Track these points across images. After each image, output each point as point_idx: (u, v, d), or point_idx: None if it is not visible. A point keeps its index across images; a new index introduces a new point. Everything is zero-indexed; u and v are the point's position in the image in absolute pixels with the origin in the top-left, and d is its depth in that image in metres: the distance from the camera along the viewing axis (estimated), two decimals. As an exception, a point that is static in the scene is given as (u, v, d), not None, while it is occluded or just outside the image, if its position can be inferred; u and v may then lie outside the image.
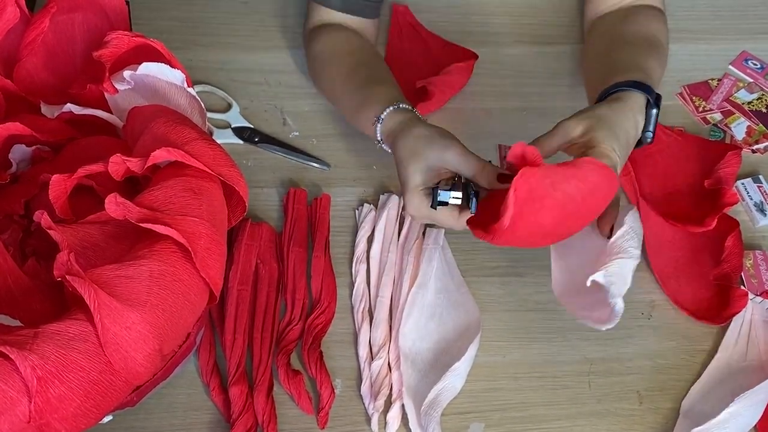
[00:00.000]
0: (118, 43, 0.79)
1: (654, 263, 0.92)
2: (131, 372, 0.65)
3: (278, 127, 1.01)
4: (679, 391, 0.86)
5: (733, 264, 0.90)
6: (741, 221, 0.94)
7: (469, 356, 0.83)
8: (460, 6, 1.12)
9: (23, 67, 0.84)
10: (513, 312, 0.90)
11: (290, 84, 1.05)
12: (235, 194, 0.77)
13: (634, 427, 0.84)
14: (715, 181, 0.94)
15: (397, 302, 0.88)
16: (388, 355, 0.86)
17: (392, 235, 0.92)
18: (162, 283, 0.66)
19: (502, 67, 1.07)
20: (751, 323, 0.88)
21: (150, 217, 0.67)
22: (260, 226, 0.91)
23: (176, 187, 0.71)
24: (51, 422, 0.61)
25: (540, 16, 1.12)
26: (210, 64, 1.06)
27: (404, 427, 0.82)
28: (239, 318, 0.85)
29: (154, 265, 0.66)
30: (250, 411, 0.81)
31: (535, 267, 0.92)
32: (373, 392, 0.83)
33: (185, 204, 0.70)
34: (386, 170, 0.98)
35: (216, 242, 0.71)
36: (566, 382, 0.86)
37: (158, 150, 0.70)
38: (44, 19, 0.83)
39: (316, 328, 0.86)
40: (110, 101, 0.82)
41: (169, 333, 0.67)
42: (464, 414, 0.84)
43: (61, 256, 0.63)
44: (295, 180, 0.97)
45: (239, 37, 1.09)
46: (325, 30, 0.99)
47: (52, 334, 0.62)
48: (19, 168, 0.84)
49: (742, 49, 1.10)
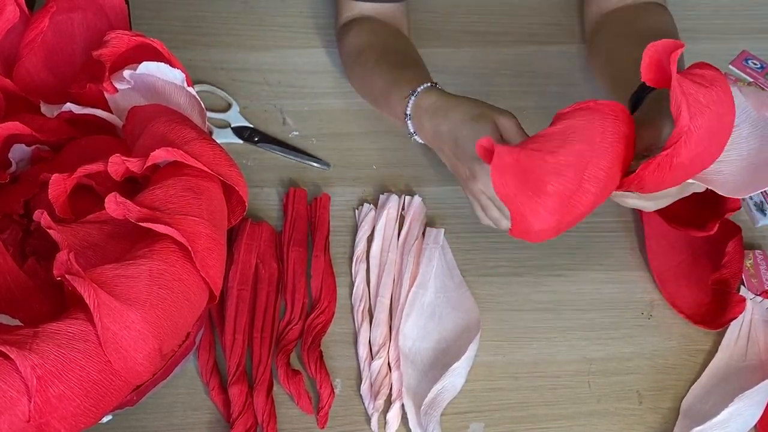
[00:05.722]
0: (118, 43, 0.79)
1: (654, 266, 0.92)
2: (131, 371, 0.65)
3: (278, 127, 1.01)
4: (679, 391, 0.86)
5: (732, 269, 0.90)
6: (741, 221, 0.94)
7: (468, 356, 0.83)
8: (460, 6, 1.12)
9: (23, 66, 0.84)
10: (513, 312, 0.90)
11: (290, 84, 1.05)
12: (235, 194, 0.77)
13: (634, 427, 0.84)
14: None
15: (396, 302, 0.88)
16: (388, 354, 0.86)
17: (392, 234, 0.92)
18: (162, 282, 0.66)
19: (502, 67, 1.07)
20: (751, 323, 0.88)
21: (150, 217, 0.67)
22: (260, 226, 0.91)
23: (176, 187, 0.71)
24: (51, 422, 0.61)
25: (540, 16, 1.12)
26: (210, 64, 1.06)
27: (404, 427, 0.82)
28: (239, 318, 0.85)
29: (154, 265, 0.66)
30: (249, 411, 0.81)
31: (534, 267, 0.92)
32: (373, 392, 0.83)
33: (185, 203, 0.70)
34: (386, 170, 0.98)
35: (216, 242, 0.71)
36: (566, 381, 0.86)
37: (158, 150, 0.70)
38: (44, 18, 0.83)
39: (316, 328, 0.86)
40: (110, 101, 0.82)
41: (168, 332, 0.67)
42: (464, 414, 0.84)
43: (61, 256, 0.63)
44: (295, 180, 0.97)
45: (239, 36, 1.09)
46: (355, 23, 1.00)
47: (51, 334, 0.62)
48: (19, 168, 0.84)
49: (742, 49, 1.10)
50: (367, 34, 0.99)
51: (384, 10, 1.00)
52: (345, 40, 1.00)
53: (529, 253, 0.93)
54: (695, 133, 0.66)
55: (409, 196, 0.95)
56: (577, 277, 0.92)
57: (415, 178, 0.98)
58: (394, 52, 0.96)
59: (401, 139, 0.99)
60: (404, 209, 0.94)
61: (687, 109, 0.65)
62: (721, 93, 0.68)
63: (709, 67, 0.70)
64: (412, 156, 0.99)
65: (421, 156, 0.99)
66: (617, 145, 0.69)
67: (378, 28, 0.99)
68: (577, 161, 0.67)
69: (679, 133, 0.66)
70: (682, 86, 0.65)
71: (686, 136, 0.66)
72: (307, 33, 1.09)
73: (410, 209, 0.94)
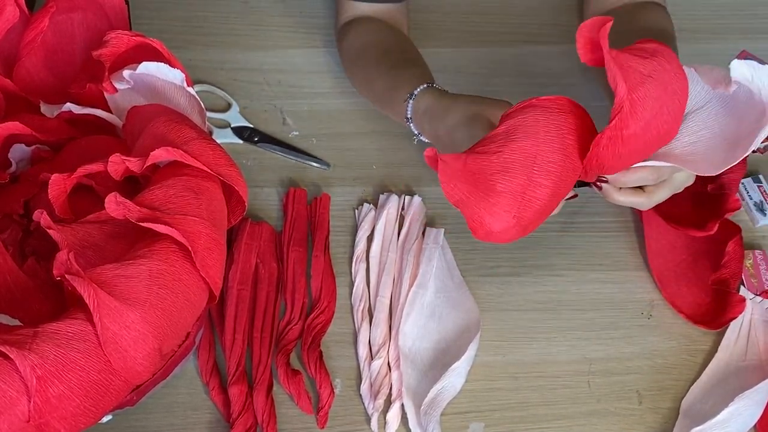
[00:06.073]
0: (118, 43, 0.79)
1: (654, 265, 0.92)
2: (131, 371, 0.65)
3: (278, 127, 1.01)
4: (679, 391, 0.86)
5: (732, 269, 0.90)
6: (741, 221, 0.94)
7: (468, 356, 0.83)
8: (460, 6, 1.12)
9: (23, 66, 0.84)
10: (513, 312, 0.90)
11: (290, 84, 1.05)
12: (235, 194, 0.77)
13: (633, 427, 0.84)
14: (718, 186, 0.93)
15: (396, 302, 0.88)
16: (388, 354, 0.86)
17: (392, 234, 0.92)
18: (162, 282, 0.66)
19: (502, 67, 1.07)
20: (751, 323, 0.88)
21: (150, 217, 0.67)
22: (260, 226, 0.91)
23: (176, 187, 0.71)
24: (50, 421, 0.61)
25: (539, 16, 1.12)
26: (210, 64, 1.06)
27: (404, 427, 0.82)
28: (239, 318, 0.85)
29: (154, 265, 0.66)
30: (249, 411, 0.81)
31: (534, 267, 0.93)
32: (373, 392, 0.83)
33: (185, 203, 0.70)
34: (386, 170, 0.98)
35: (216, 242, 0.71)
36: (566, 381, 0.86)
37: (158, 149, 0.70)
38: (44, 18, 0.83)
39: (316, 328, 0.86)
40: (110, 101, 0.82)
41: (168, 332, 0.67)
42: (464, 414, 0.84)
43: (61, 256, 0.63)
44: (295, 180, 0.97)
45: (239, 36, 1.09)
46: (355, 23, 1.00)
47: (51, 334, 0.62)
48: (19, 168, 0.84)
49: (742, 49, 1.10)
50: (368, 34, 0.99)
51: (384, 11, 1.00)
52: (345, 40, 1.00)
53: (529, 253, 0.93)
54: (639, 103, 0.66)
55: (409, 196, 0.95)
56: (577, 277, 0.92)
57: (415, 178, 0.98)
58: (394, 51, 0.96)
59: (401, 139, 0.99)
60: (404, 209, 0.94)
61: (623, 81, 0.65)
62: (665, 62, 0.68)
63: (651, 42, 0.70)
64: (412, 156, 0.99)
65: (421, 156, 0.98)
66: (567, 136, 0.69)
67: (378, 28, 0.99)
68: (522, 157, 0.68)
69: (620, 104, 0.66)
70: (617, 59, 0.66)
71: (630, 107, 0.66)
72: (307, 33, 1.09)
73: (410, 209, 0.94)
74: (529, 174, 0.68)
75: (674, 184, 0.76)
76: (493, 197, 0.68)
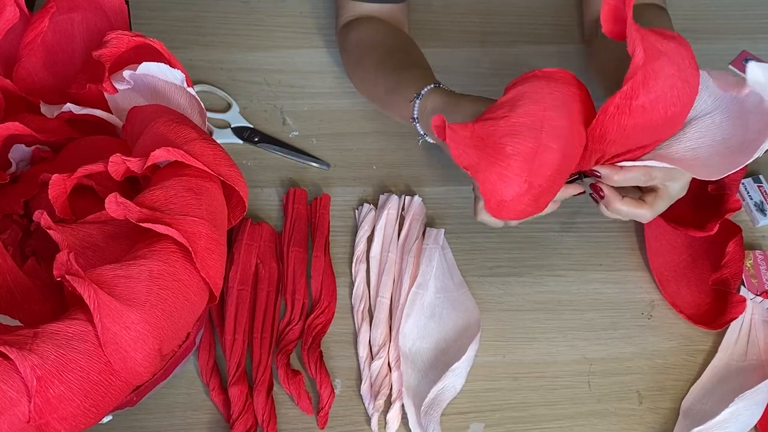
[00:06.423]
0: (118, 43, 0.79)
1: (654, 265, 0.92)
2: (131, 372, 0.65)
3: (278, 127, 1.01)
4: (679, 391, 0.86)
5: (733, 269, 0.90)
6: (741, 221, 0.94)
7: (469, 356, 0.83)
8: (460, 6, 1.12)
9: (23, 66, 0.84)
10: (513, 312, 0.90)
11: (290, 84, 1.05)
12: (235, 194, 0.76)
13: (633, 427, 0.84)
14: (719, 186, 0.93)
15: (397, 302, 0.88)
16: (388, 355, 0.86)
17: (392, 235, 0.92)
18: (162, 282, 0.66)
19: (502, 67, 1.07)
20: (751, 323, 0.88)
21: (150, 217, 0.67)
22: (260, 226, 0.91)
23: (176, 187, 0.71)
24: (50, 422, 0.61)
25: (539, 16, 1.12)
26: (210, 64, 1.06)
27: (404, 427, 0.82)
28: (239, 318, 0.85)
29: (154, 265, 0.66)
30: (249, 411, 0.81)
31: (534, 267, 0.93)
32: (373, 392, 0.83)
33: (185, 204, 0.70)
34: (386, 170, 0.98)
35: (216, 242, 0.71)
36: (566, 381, 0.86)
37: (158, 150, 0.70)
38: (44, 18, 0.83)
39: (316, 328, 0.86)
40: (110, 101, 0.82)
41: (168, 333, 0.67)
42: (464, 414, 0.84)
43: (61, 256, 0.63)
44: (295, 180, 0.97)
45: (239, 36, 1.09)
46: (356, 23, 1.00)
47: (51, 334, 0.62)
48: (19, 168, 0.84)
49: (742, 49, 1.10)
50: (369, 34, 0.98)
51: (384, 11, 1.00)
52: (346, 40, 1.00)
53: (529, 253, 0.93)
54: (652, 75, 0.67)
55: (409, 196, 0.95)
56: (577, 278, 0.92)
57: (415, 178, 0.98)
58: (396, 52, 0.96)
59: (401, 139, 0.99)
60: (404, 209, 0.94)
61: (641, 48, 0.66)
62: (682, 49, 0.69)
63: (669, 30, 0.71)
64: (412, 156, 0.99)
65: (421, 156, 0.99)
66: (572, 103, 0.70)
67: (379, 27, 0.99)
68: (530, 120, 0.68)
69: (634, 70, 0.66)
70: (640, 31, 0.66)
71: (643, 77, 0.66)
72: (307, 33, 1.09)
73: (410, 209, 0.94)
74: (537, 136, 0.68)
75: (671, 194, 0.76)
76: (503, 161, 0.68)
